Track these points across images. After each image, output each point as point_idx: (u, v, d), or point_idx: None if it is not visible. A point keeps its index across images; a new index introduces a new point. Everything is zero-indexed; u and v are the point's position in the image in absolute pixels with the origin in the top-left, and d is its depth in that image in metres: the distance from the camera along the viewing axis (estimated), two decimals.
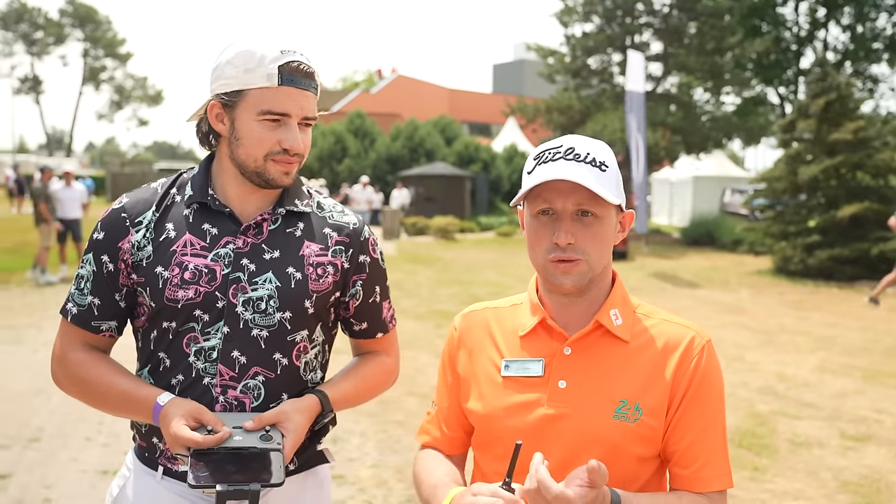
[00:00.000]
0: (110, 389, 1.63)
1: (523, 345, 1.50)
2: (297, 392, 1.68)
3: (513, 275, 14.17)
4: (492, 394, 1.49)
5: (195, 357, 1.62)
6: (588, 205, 1.40)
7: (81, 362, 1.66)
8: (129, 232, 1.65)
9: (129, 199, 1.69)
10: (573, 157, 1.41)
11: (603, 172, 1.42)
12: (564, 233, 1.39)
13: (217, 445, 1.48)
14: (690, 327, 1.49)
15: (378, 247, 1.82)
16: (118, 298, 1.67)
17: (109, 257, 1.65)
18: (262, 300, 1.63)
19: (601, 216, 1.42)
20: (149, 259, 1.63)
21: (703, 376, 1.44)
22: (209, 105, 1.65)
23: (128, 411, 1.62)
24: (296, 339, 1.67)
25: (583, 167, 1.40)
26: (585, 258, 1.42)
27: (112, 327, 1.69)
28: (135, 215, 1.66)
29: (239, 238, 1.65)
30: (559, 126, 25.23)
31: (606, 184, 1.41)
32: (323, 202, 1.79)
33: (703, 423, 1.43)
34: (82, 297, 1.67)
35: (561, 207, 1.40)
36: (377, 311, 1.83)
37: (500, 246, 20.20)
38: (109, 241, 1.65)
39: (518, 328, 1.52)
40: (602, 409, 1.42)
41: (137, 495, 1.67)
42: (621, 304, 1.51)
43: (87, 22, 69.94)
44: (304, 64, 1.61)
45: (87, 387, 1.65)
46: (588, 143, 1.45)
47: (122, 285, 1.66)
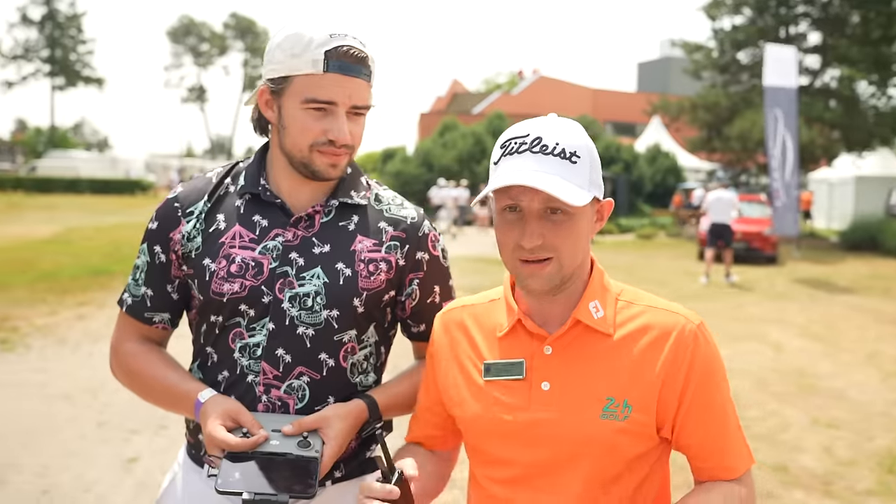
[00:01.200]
0: (157, 382, 1.59)
1: (502, 345, 1.41)
2: (345, 395, 1.58)
3: (648, 278, 13.64)
4: (474, 398, 1.41)
5: (240, 353, 1.56)
6: (557, 203, 1.28)
7: (134, 353, 1.63)
8: (181, 222, 1.60)
9: (184, 189, 1.65)
10: (540, 148, 1.28)
11: (573, 164, 1.29)
12: (529, 235, 1.29)
13: (251, 449, 1.41)
14: (679, 312, 1.39)
15: (440, 243, 1.71)
16: (170, 290, 1.63)
17: (161, 248, 1.62)
18: (308, 297, 1.54)
19: (573, 213, 1.30)
20: (198, 250, 1.58)
21: (703, 365, 1.34)
22: (258, 90, 1.58)
23: (173, 406, 1.59)
24: (343, 340, 1.58)
25: (550, 162, 1.27)
26: (556, 256, 1.31)
27: (165, 319, 1.65)
28: (187, 205, 1.62)
29: (289, 230, 1.57)
30: (705, 124, 24.19)
31: (577, 178, 1.28)
32: (381, 194, 1.69)
33: (716, 412, 1.36)
34: (137, 288, 1.64)
35: (527, 206, 1.29)
36: (436, 312, 1.69)
37: (639, 249, 19.56)
38: (162, 231, 1.62)
39: (496, 327, 1.43)
40: (588, 409, 1.33)
41: (183, 492, 1.63)
42: (601, 294, 1.40)
43: (247, 33, 74.35)
44: (354, 49, 1.50)
45: (137, 378, 1.63)
46: (558, 129, 1.31)
47: (174, 277, 1.62)
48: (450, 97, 51.50)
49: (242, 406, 1.49)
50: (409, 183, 29.49)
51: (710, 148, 25.42)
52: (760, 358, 7.61)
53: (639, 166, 29.32)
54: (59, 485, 4.12)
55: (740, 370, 6.93)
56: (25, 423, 5.10)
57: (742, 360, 7.41)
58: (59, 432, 4.93)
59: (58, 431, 4.95)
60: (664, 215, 26.79)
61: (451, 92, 52.77)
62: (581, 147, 1.30)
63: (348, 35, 1.51)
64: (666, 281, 13.40)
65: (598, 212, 1.37)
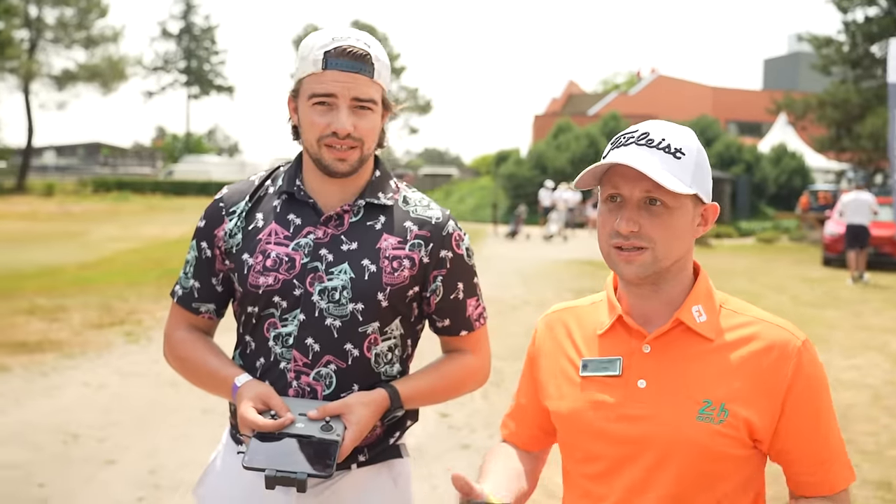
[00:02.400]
0: (201, 367, 1.74)
1: (601, 343, 1.45)
2: (369, 384, 1.68)
3: (767, 284, 13.09)
4: (571, 394, 1.45)
5: (274, 342, 1.67)
6: (657, 192, 1.33)
7: (183, 341, 1.78)
8: (224, 220, 1.74)
9: (229, 191, 1.79)
10: (646, 142, 1.34)
11: (677, 160, 1.33)
12: (626, 220, 1.33)
13: (278, 430, 1.53)
14: (784, 326, 1.39)
15: (464, 242, 1.78)
16: (215, 283, 1.77)
17: (207, 244, 1.76)
18: (336, 290, 1.65)
19: (672, 206, 1.34)
20: (238, 246, 1.72)
21: (806, 380, 1.35)
22: (287, 100, 1.72)
23: (216, 389, 1.72)
24: (367, 331, 1.68)
25: (654, 153, 1.33)
26: (651, 247, 1.34)
27: (210, 310, 1.79)
28: (230, 205, 1.76)
29: (319, 228, 1.69)
30: (834, 122, 22.93)
31: (679, 172, 1.33)
32: (410, 196, 1.78)
33: (820, 427, 1.37)
34: (186, 281, 1.79)
35: (628, 194, 1.34)
36: (460, 308, 1.78)
37: (759, 253, 18.77)
38: (208, 228, 1.76)
39: (596, 326, 1.47)
40: (685, 410, 1.35)
41: (224, 470, 1.76)
42: (705, 300, 1.41)
43: None
44: (353, 47, 1.60)
45: (185, 363, 1.77)
46: (667, 128, 1.37)
47: (218, 270, 1.76)
48: (565, 99, 51.04)
49: (273, 390, 1.61)
50: (522, 185, 29.46)
51: (838, 147, 24.10)
52: (877, 370, 7.18)
53: (761, 167, 28.08)
54: (164, 466, 4.44)
55: (854, 382, 6.58)
56: (139, 409, 5.51)
57: (857, 371, 7.03)
58: (167, 417, 5.30)
59: (167, 417, 5.32)
60: (788, 218, 25.56)
61: (567, 93, 52.28)
62: (688, 147, 1.34)
63: (350, 38, 1.63)
64: (784, 287, 12.83)
65: (703, 216, 1.40)
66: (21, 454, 4.55)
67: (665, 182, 1.29)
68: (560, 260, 16.40)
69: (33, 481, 4.18)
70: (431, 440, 5.03)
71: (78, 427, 5.05)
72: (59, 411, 5.39)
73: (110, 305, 9.42)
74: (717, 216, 1.43)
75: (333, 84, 1.60)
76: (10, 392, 5.79)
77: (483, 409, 5.74)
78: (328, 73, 1.61)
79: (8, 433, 4.91)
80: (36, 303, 9.32)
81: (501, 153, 34.64)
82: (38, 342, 7.34)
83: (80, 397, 5.78)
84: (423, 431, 5.18)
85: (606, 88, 62.25)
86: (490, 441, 5.00)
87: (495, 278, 13.17)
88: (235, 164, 52.13)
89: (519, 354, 1.56)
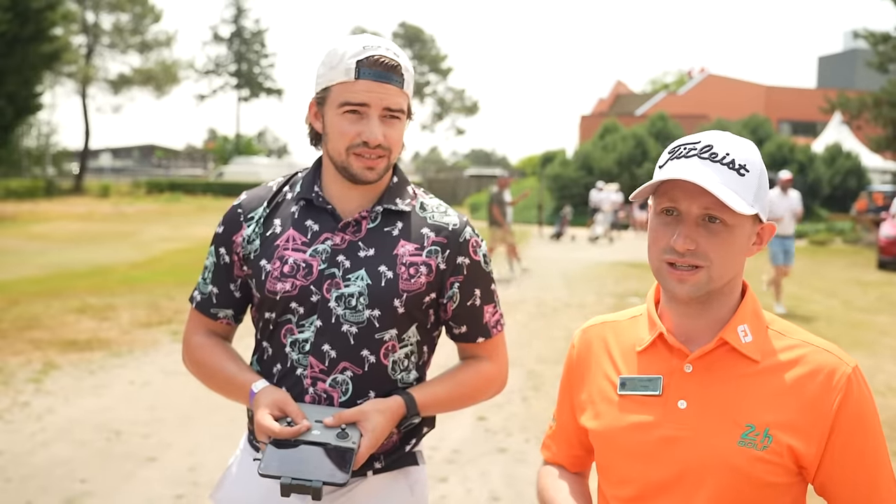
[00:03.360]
0: (218, 372, 1.75)
1: (641, 361, 1.39)
2: (385, 391, 1.68)
3: (818, 287, 12.78)
4: (608, 412, 1.40)
5: (290, 348, 1.68)
6: (717, 210, 1.27)
7: (201, 346, 1.79)
8: (242, 226, 1.75)
9: (247, 197, 1.80)
10: (709, 155, 1.28)
11: (741, 177, 1.27)
12: (684, 237, 1.27)
13: (294, 437, 1.53)
14: (833, 351, 1.33)
15: (482, 249, 1.78)
16: (233, 289, 1.78)
17: (226, 250, 1.77)
18: (353, 297, 1.66)
19: (731, 224, 1.28)
20: (256, 252, 1.72)
21: (855, 410, 1.29)
22: (309, 105, 1.72)
23: (233, 394, 1.73)
24: (384, 338, 1.68)
25: (717, 169, 1.27)
26: (707, 266, 1.28)
27: (228, 315, 1.80)
28: (248, 211, 1.76)
29: (337, 235, 1.69)
30: (890, 121, 22.26)
31: (742, 189, 1.27)
32: (427, 202, 1.78)
33: (866, 461, 1.30)
34: (205, 286, 1.80)
35: (686, 209, 1.28)
36: (477, 314, 1.78)
37: (810, 255, 18.30)
38: (227, 234, 1.77)
39: (636, 343, 1.41)
40: (726, 433, 1.29)
41: (242, 474, 1.77)
42: (752, 320, 1.35)
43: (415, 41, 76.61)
44: (385, 57, 1.62)
45: (202, 368, 1.78)
46: (731, 141, 1.31)
47: (236, 276, 1.77)
48: (612, 99, 50.54)
49: (289, 397, 1.61)
50: (568, 186, 29.26)
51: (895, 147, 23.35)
52: None
53: (815, 168, 27.40)
54: (203, 464, 4.51)
55: None
56: (182, 408, 5.61)
57: None
58: (209, 416, 5.39)
59: (209, 415, 5.41)
60: (842, 220, 24.88)
61: (614, 93, 51.75)
62: (752, 162, 1.29)
63: (381, 47, 1.64)
64: (835, 291, 12.51)
65: (759, 234, 1.34)
66: (66, 450, 4.68)
67: (729, 201, 1.23)
68: (604, 262, 16.24)
69: (76, 477, 4.29)
70: (467, 443, 5.02)
71: (122, 424, 5.17)
72: (105, 409, 5.52)
73: (158, 304, 9.63)
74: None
75: (366, 94, 1.62)
76: (60, 390, 5.95)
77: (521, 412, 5.71)
78: (360, 82, 1.62)
79: (56, 430, 5.05)
80: (87, 301, 9.57)
81: (547, 154, 34.48)
82: (88, 340, 7.54)
83: (125, 395, 5.92)
84: (460, 435, 5.18)
85: (655, 88, 61.42)
86: (526, 445, 4.98)
87: (538, 280, 13.11)
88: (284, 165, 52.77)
89: (559, 358, 1.52)
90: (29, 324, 8.23)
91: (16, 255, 14.62)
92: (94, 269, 12.71)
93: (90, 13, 47.82)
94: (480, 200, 34.71)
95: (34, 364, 6.65)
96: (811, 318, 9.69)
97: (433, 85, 77.69)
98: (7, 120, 26.80)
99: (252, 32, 67.89)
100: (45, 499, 4.00)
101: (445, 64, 77.01)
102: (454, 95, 78.59)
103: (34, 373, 6.39)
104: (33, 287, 10.65)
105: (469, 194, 38.74)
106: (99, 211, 28.68)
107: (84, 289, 10.56)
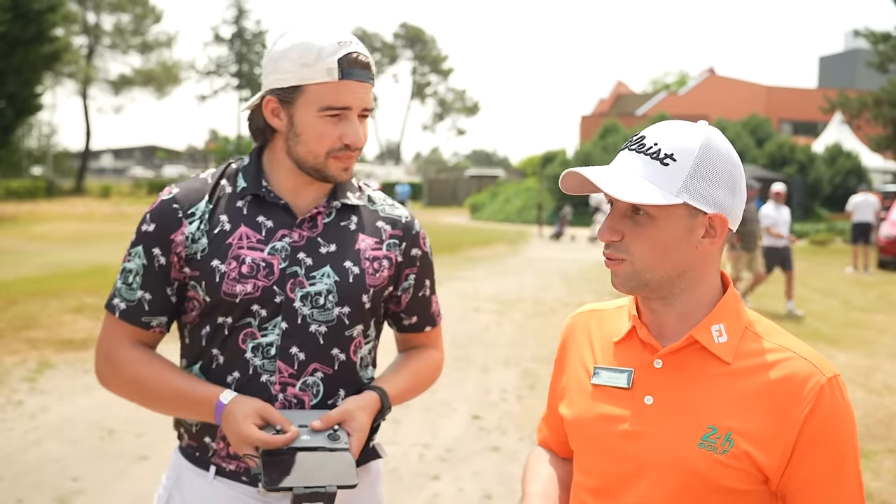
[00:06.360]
0: (165, 388, 1.59)
1: (616, 352, 1.37)
2: (354, 389, 1.65)
3: (817, 287, 12.75)
4: (580, 401, 1.39)
5: (252, 353, 1.59)
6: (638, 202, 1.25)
7: (134, 360, 1.61)
8: (182, 223, 1.60)
9: (181, 190, 1.64)
10: (637, 146, 1.26)
11: (664, 166, 1.22)
12: (607, 228, 1.28)
13: (286, 445, 1.48)
14: (810, 359, 1.26)
15: (427, 240, 1.80)
16: (170, 293, 1.62)
17: (161, 250, 1.60)
18: (320, 295, 1.60)
19: (655, 216, 1.24)
20: (204, 252, 1.59)
21: (825, 421, 1.22)
22: (264, 100, 1.61)
23: (184, 410, 1.59)
24: (353, 335, 1.65)
25: (638, 160, 1.24)
26: (629, 259, 1.26)
27: (163, 322, 1.64)
28: (187, 206, 1.61)
29: (294, 231, 1.62)
30: (890, 121, 22.24)
31: (663, 179, 1.22)
32: (373, 195, 1.76)
33: (834, 482, 1.24)
34: (131, 293, 1.61)
35: (616, 202, 1.28)
36: (427, 304, 1.80)
37: (810, 256, 18.27)
38: (161, 232, 1.60)
39: (614, 333, 1.40)
40: (687, 433, 1.25)
41: (191, 497, 1.63)
42: (729, 319, 1.30)
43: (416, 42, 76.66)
44: (361, 55, 1.57)
45: (140, 385, 1.61)
46: (670, 131, 1.26)
47: (173, 279, 1.61)
48: (613, 99, 50.52)
49: (269, 405, 1.53)
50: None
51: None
52: None
53: (815, 168, 27.36)
54: None
55: None
56: None
57: None
58: None
59: None
60: (843, 220, 24.85)
61: (615, 94, 51.72)
62: (684, 151, 1.23)
63: (353, 42, 1.57)
64: (835, 290, 12.50)
65: (711, 226, 1.26)
66: (59, 449, 4.68)
67: (617, 193, 1.20)
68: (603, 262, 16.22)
69: (68, 475, 4.28)
70: (461, 442, 5.01)
71: (115, 423, 5.17)
72: (98, 408, 5.52)
73: None
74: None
75: (351, 96, 1.56)
76: (54, 389, 5.95)
77: (515, 411, 5.70)
78: (344, 83, 1.55)
79: (49, 429, 5.05)
80: (84, 301, 9.56)
81: (548, 154, 34.45)
82: (84, 340, 7.53)
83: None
84: (453, 433, 5.17)
85: (656, 88, 61.40)
86: (521, 444, 4.96)
87: (537, 280, 13.10)
88: None
89: (553, 358, 1.51)
90: (26, 323, 8.23)
91: (15, 254, 14.63)
92: (92, 268, 12.70)
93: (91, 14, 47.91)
94: (481, 200, 34.77)
95: (29, 363, 6.65)
96: (811, 317, 9.67)
97: (434, 85, 77.77)
98: (7, 120, 26.81)
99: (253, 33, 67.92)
100: (37, 497, 3.99)
101: (446, 64, 77.08)
102: (455, 96, 78.64)
103: (29, 372, 6.39)
104: (31, 287, 10.65)
105: (469, 194, 38.75)
106: (99, 211, 28.71)
107: (82, 289, 10.55)
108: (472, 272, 13.98)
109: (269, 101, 1.60)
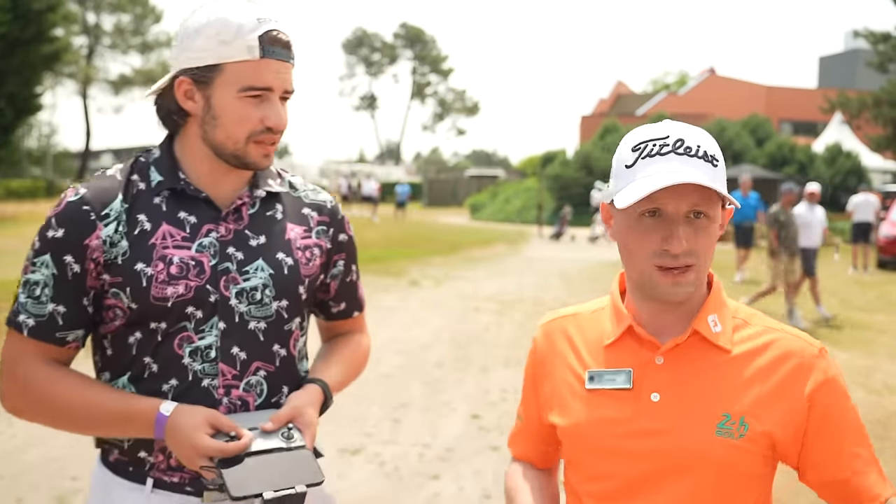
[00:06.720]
0: (90, 407, 1.46)
1: (608, 354, 1.37)
2: (295, 384, 1.60)
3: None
4: (576, 408, 1.37)
5: (190, 358, 1.49)
6: (703, 205, 1.25)
7: (47, 379, 1.46)
8: (97, 226, 1.46)
9: (89, 190, 1.49)
10: (684, 150, 1.24)
11: (715, 168, 1.25)
12: (678, 239, 1.23)
13: (242, 451, 1.42)
14: (799, 336, 1.34)
15: (350, 224, 1.74)
16: (86, 303, 1.48)
17: (74, 257, 1.46)
18: (256, 290, 1.53)
19: (713, 217, 1.27)
20: (125, 256, 1.47)
21: (829, 389, 1.29)
22: (176, 81, 1.49)
23: (117, 428, 1.47)
24: (292, 328, 1.60)
25: (697, 164, 1.24)
26: (696, 262, 1.27)
27: (79, 336, 1.50)
28: (100, 207, 1.47)
29: (220, 225, 1.53)
30: (890, 120, 22.26)
31: (719, 181, 1.25)
32: (294, 181, 1.69)
33: (849, 435, 1.30)
34: (40, 307, 1.46)
35: (674, 209, 1.24)
36: (354, 289, 1.76)
37: None
38: (72, 238, 1.46)
39: (602, 336, 1.39)
40: (703, 423, 1.28)
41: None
42: (720, 309, 1.35)
43: (416, 42, 76.65)
44: (282, 33, 1.48)
45: (55, 405, 1.47)
46: (694, 132, 1.28)
47: (89, 288, 1.48)
48: (613, 99, 50.53)
49: (216, 411, 1.45)
50: (568, 186, 29.23)
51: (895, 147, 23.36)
52: None
53: (815, 168, 27.37)
54: None
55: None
56: None
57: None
58: None
59: None
60: (843, 220, 24.86)
61: (615, 94, 51.74)
62: (717, 151, 1.28)
63: (273, 18, 1.48)
64: (834, 290, 12.49)
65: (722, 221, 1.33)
66: (58, 448, 4.67)
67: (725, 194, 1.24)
68: (603, 262, 16.21)
69: (67, 474, 4.28)
70: (461, 441, 5.01)
71: None
72: None
73: None
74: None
75: (273, 76, 1.47)
76: None
77: (515, 410, 5.69)
78: (266, 62, 1.45)
79: (50, 431, 5.03)
80: None
81: (548, 154, 34.48)
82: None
83: None
84: (453, 432, 5.18)
85: (656, 88, 61.40)
86: None
87: (537, 280, 13.10)
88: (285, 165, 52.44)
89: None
90: None
91: (15, 255, 14.60)
92: None
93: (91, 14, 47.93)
94: (481, 200, 34.78)
95: None
96: (810, 317, 9.67)
97: (434, 85, 77.76)
98: (7, 120, 26.79)
99: None
100: (37, 496, 4.00)
101: (446, 65, 77.07)
102: (455, 96, 78.63)
103: None
104: None
105: (469, 194, 38.75)
106: None
107: None
108: (472, 272, 13.98)
109: (181, 82, 1.48)
